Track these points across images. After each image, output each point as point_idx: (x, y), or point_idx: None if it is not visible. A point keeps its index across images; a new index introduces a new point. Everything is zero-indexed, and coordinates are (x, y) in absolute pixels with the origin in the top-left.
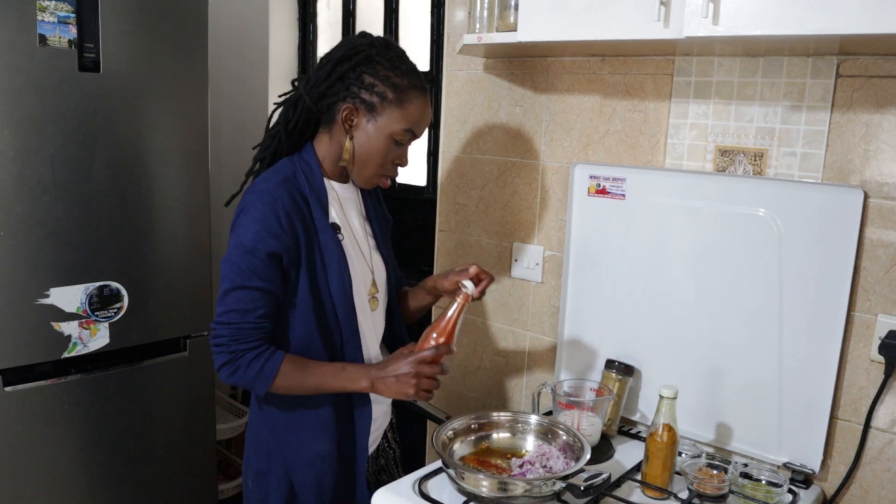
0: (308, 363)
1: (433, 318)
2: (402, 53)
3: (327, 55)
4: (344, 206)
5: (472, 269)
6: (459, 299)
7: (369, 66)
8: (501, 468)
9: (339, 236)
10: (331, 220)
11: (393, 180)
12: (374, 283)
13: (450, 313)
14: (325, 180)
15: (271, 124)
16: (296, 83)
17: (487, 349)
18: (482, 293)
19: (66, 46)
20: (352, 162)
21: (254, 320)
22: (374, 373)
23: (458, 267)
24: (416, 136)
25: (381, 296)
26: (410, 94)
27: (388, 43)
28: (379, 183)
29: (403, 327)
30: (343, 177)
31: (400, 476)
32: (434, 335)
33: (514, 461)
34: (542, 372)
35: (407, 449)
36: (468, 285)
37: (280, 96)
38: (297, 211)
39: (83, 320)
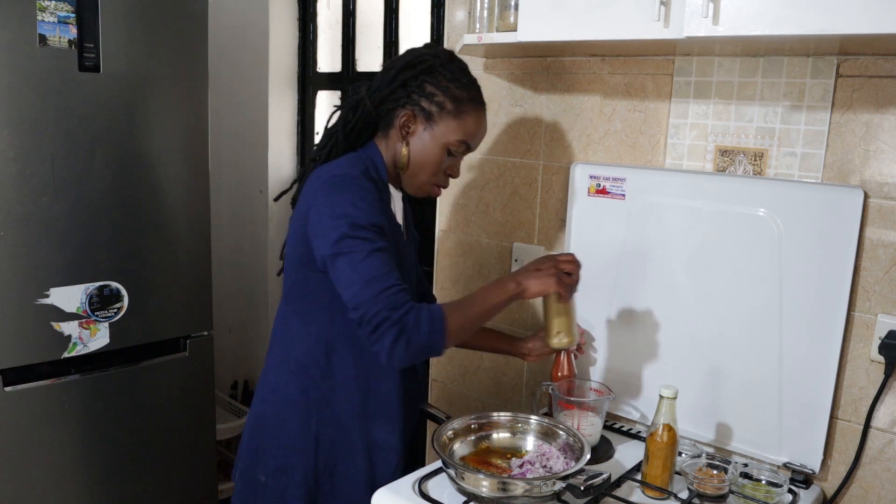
0: (461, 299)
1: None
2: (465, 67)
3: (392, 62)
4: (396, 211)
5: None
6: None
7: (431, 75)
8: (501, 468)
9: (405, 238)
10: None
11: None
12: None
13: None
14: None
15: (330, 125)
16: (359, 87)
17: None
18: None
19: (66, 46)
20: (405, 168)
21: (396, 281)
22: (516, 275)
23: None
24: (470, 148)
25: None
26: (468, 107)
27: (452, 55)
28: (430, 192)
29: None
30: (396, 182)
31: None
32: None
33: (514, 461)
34: (542, 372)
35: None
36: None
37: (341, 99)
38: (381, 202)
39: (83, 320)
